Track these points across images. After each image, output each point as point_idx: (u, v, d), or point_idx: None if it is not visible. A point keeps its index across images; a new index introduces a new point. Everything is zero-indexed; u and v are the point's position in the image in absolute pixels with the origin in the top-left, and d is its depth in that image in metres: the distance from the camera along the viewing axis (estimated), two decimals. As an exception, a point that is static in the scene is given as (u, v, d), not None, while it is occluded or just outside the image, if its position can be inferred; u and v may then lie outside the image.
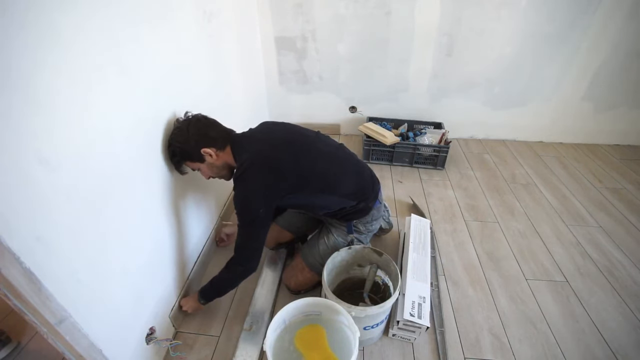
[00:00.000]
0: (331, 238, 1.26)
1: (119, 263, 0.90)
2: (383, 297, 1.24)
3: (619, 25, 2.01)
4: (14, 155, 0.59)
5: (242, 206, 1.05)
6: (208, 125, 1.07)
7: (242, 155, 1.05)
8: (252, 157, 1.03)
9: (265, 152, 1.05)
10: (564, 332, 1.24)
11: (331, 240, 1.26)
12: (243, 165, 1.02)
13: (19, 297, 0.62)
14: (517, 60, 2.17)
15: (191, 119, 1.06)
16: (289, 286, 1.34)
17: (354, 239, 1.26)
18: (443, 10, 2.03)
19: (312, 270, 1.27)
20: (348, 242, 1.26)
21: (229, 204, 1.72)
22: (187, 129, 1.03)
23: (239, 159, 1.06)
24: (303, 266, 1.28)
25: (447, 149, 2.13)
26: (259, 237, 1.09)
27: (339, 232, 1.26)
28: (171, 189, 1.16)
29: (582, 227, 1.74)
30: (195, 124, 1.04)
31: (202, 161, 1.06)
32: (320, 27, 2.16)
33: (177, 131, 1.05)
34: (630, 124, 2.41)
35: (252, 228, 1.07)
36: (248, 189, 1.03)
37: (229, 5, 1.65)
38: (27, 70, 0.61)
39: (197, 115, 1.08)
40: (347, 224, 1.24)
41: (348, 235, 1.25)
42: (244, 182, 1.02)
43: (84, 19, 0.73)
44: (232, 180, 1.11)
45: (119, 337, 0.92)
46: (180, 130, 1.04)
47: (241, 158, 1.05)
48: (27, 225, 0.62)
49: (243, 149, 1.07)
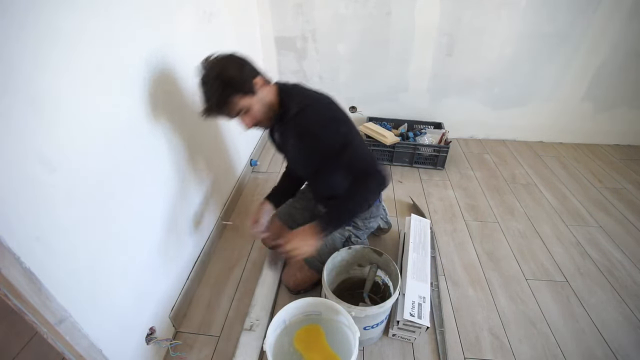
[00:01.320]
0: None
1: (119, 263, 0.90)
2: (383, 297, 1.24)
3: (619, 26, 2.01)
4: (15, 155, 0.60)
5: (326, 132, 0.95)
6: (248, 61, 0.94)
7: (296, 97, 0.97)
8: (319, 96, 0.98)
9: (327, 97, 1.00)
10: (564, 332, 1.24)
11: (328, 237, 1.26)
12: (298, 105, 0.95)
13: (19, 297, 0.62)
14: (517, 60, 2.17)
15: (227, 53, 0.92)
16: (288, 286, 1.33)
17: (351, 234, 1.26)
18: (443, 10, 2.04)
19: (310, 268, 1.26)
20: (345, 238, 1.26)
21: (229, 204, 1.72)
22: (231, 57, 0.89)
23: (293, 100, 0.97)
24: (302, 264, 1.28)
25: (447, 149, 2.13)
26: (363, 148, 1.00)
27: None
28: (171, 188, 1.16)
29: (582, 227, 1.74)
30: (239, 56, 0.91)
31: (254, 93, 0.92)
32: (320, 27, 2.16)
33: (222, 60, 0.89)
34: (630, 124, 2.41)
35: (351, 145, 0.97)
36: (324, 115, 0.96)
37: (229, 5, 1.65)
38: (27, 71, 0.61)
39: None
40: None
41: (345, 228, 1.26)
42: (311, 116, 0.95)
43: (85, 19, 0.74)
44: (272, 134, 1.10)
45: (119, 337, 0.92)
46: (226, 59, 0.89)
47: (298, 99, 0.97)
48: (27, 225, 0.63)
49: (294, 91, 0.99)
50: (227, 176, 1.75)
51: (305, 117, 0.95)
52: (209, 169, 1.48)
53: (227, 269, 1.47)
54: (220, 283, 1.41)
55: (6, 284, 0.60)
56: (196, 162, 1.34)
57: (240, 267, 1.48)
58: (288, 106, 0.96)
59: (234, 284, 1.40)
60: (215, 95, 0.87)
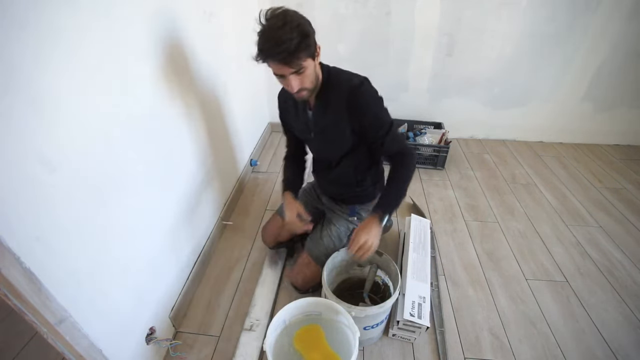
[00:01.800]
0: (333, 229, 1.27)
1: (119, 263, 0.90)
2: (383, 297, 1.24)
3: (619, 26, 2.01)
4: (15, 155, 0.60)
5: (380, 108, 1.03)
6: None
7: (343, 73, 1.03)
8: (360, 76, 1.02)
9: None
10: (564, 332, 1.24)
11: (333, 231, 1.27)
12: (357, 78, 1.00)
13: (19, 297, 0.62)
14: (517, 60, 2.17)
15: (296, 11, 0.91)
16: (296, 284, 1.31)
17: (357, 223, 1.27)
18: (443, 10, 2.03)
19: (318, 264, 1.26)
20: (351, 230, 1.26)
21: (229, 204, 1.72)
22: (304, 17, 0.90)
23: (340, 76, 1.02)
24: (309, 260, 1.27)
25: (447, 149, 2.13)
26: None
27: (340, 221, 1.28)
28: (171, 188, 1.16)
29: (582, 227, 1.74)
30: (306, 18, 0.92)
31: (314, 58, 0.95)
32: (320, 27, 2.13)
33: (300, 16, 0.90)
34: (630, 124, 2.41)
35: (394, 124, 1.05)
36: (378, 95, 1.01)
37: (229, 5, 1.65)
38: (28, 71, 0.61)
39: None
40: (351, 207, 1.28)
41: (349, 217, 1.28)
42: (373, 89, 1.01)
43: (85, 19, 0.73)
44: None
45: (119, 337, 0.92)
46: (302, 17, 0.90)
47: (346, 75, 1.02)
48: (27, 225, 0.63)
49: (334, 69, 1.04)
50: (227, 176, 1.75)
51: (364, 91, 0.98)
52: (209, 169, 1.48)
53: (227, 269, 1.47)
54: (220, 283, 1.41)
55: (6, 284, 0.60)
56: (197, 162, 1.34)
57: (240, 267, 1.48)
58: (333, 81, 1.00)
59: (234, 284, 1.40)
60: (292, 42, 0.84)
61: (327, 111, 1.04)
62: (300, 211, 1.16)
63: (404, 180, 1.07)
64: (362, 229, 1.03)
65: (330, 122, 1.06)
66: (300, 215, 1.16)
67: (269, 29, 0.85)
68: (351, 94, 0.98)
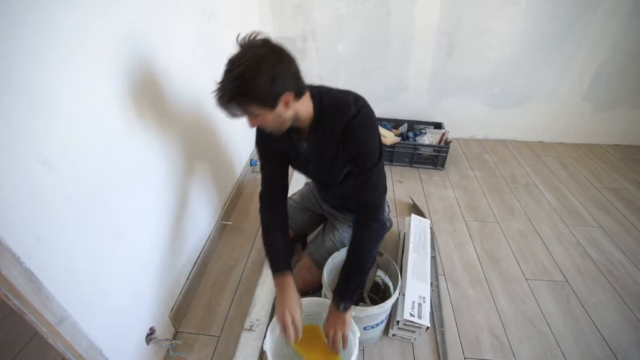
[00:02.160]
0: (337, 234, 1.26)
1: (119, 263, 0.90)
2: (383, 297, 1.24)
3: (619, 25, 2.01)
4: (15, 155, 0.60)
5: (374, 139, 0.90)
6: (293, 61, 0.79)
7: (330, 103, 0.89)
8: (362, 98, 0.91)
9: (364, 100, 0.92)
10: (564, 332, 1.24)
11: (337, 236, 1.26)
12: (354, 105, 0.87)
13: (19, 297, 0.62)
14: (517, 60, 2.17)
15: (275, 47, 0.76)
16: (297, 286, 1.31)
17: None
18: (443, 10, 2.03)
19: (319, 268, 1.26)
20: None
21: (229, 203, 1.72)
22: (270, 58, 0.73)
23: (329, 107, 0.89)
24: (311, 265, 1.27)
25: (447, 149, 2.13)
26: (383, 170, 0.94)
27: (343, 227, 1.26)
28: (172, 188, 1.16)
29: (582, 227, 1.74)
30: (282, 58, 0.75)
31: (272, 108, 0.78)
32: (320, 27, 2.16)
33: (256, 60, 0.72)
34: (630, 124, 2.41)
35: (382, 164, 0.93)
36: (374, 120, 0.90)
37: (229, 5, 1.65)
38: (28, 71, 0.61)
39: (275, 42, 0.77)
40: (354, 215, 1.24)
41: (353, 224, 1.24)
42: (369, 115, 0.89)
43: (85, 19, 0.73)
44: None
45: (119, 337, 0.92)
46: (261, 61, 0.72)
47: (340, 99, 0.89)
48: (27, 225, 0.63)
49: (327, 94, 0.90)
50: (227, 176, 1.75)
51: (360, 120, 0.88)
52: (209, 169, 1.48)
53: (227, 269, 1.47)
54: (220, 283, 1.41)
55: (6, 284, 0.60)
56: (196, 162, 1.34)
57: (240, 267, 1.48)
58: (327, 112, 0.89)
59: (234, 284, 1.40)
60: (228, 94, 0.75)
61: (323, 142, 0.94)
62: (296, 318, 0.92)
63: (364, 261, 0.92)
64: (334, 326, 0.92)
65: (328, 154, 0.96)
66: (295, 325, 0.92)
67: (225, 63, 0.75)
68: (347, 127, 0.88)
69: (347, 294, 0.92)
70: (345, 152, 0.93)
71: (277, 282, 0.98)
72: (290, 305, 0.93)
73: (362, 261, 0.93)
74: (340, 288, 0.94)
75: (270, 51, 0.74)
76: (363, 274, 0.94)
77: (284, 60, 0.76)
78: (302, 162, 1.05)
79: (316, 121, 0.90)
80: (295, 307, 0.93)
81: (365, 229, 0.93)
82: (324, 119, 0.90)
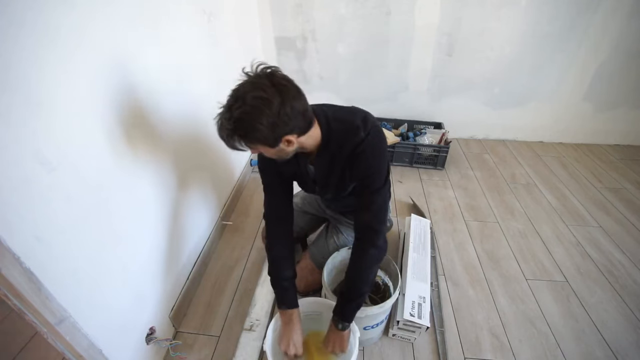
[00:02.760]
0: (341, 237, 1.25)
1: (119, 263, 0.90)
2: (383, 297, 1.24)
3: (619, 25, 2.01)
4: (14, 155, 0.60)
5: (382, 162, 0.89)
6: (300, 98, 0.75)
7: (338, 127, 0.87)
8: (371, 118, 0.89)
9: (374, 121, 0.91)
10: (564, 332, 1.24)
11: (341, 239, 1.25)
12: (363, 129, 0.86)
13: (19, 297, 0.62)
14: (517, 60, 2.17)
15: (281, 85, 0.72)
16: (298, 289, 1.30)
17: None
18: (443, 10, 2.03)
19: (321, 270, 1.25)
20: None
21: (229, 204, 1.72)
22: (272, 102, 0.69)
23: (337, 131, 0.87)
24: (313, 267, 1.27)
25: (447, 149, 2.13)
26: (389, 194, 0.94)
27: (347, 231, 1.26)
28: (172, 187, 1.16)
29: (582, 227, 1.74)
30: (287, 99, 0.71)
31: (273, 147, 0.76)
32: (320, 27, 2.16)
33: (255, 102, 0.69)
34: (630, 124, 2.41)
35: (387, 187, 0.92)
36: (383, 142, 0.89)
37: (229, 5, 1.65)
38: (26, 71, 0.61)
39: (284, 76, 0.74)
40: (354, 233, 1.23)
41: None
42: (379, 137, 0.88)
43: (84, 18, 0.73)
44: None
45: (119, 337, 0.92)
46: (264, 102, 0.69)
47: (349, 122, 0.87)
48: (27, 225, 0.63)
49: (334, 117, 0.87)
50: (227, 176, 1.75)
51: (368, 144, 0.86)
52: (209, 169, 1.48)
53: (227, 269, 1.47)
54: (220, 283, 1.41)
55: (6, 284, 0.60)
56: (196, 162, 1.34)
57: (240, 267, 1.48)
58: (334, 137, 0.87)
59: (234, 284, 1.40)
60: (226, 131, 0.72)
61: (330, 166, 0.93)
62: (299, 351, 0.95)
63: (362, 285, 0.93)
64: (333, 343, 0.96)
65: (335, 176, 0.95)
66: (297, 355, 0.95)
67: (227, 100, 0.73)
68: (355, 149, 0.87)
69: (345, 315, 0.94)
70: (353, 173, 0.92)
71: (284, 316, 0.98)
72: (297, 339, 0.97)
73: (360, 285, 0.94)
74: (339, 309, 0.95)
75: (275, 93, 0.70)
76: (361, 296, 0.94)
77: (289, 103, 0.71)
78: (308, 182, 1.03)
79: (324, 147, 0.88)
80: (299, 341, 0.97)
81: (364, 255, 0.93)
82: (331, 144, 0.88)
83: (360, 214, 0.94)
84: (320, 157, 0.92)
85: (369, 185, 0.90)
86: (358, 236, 0.95)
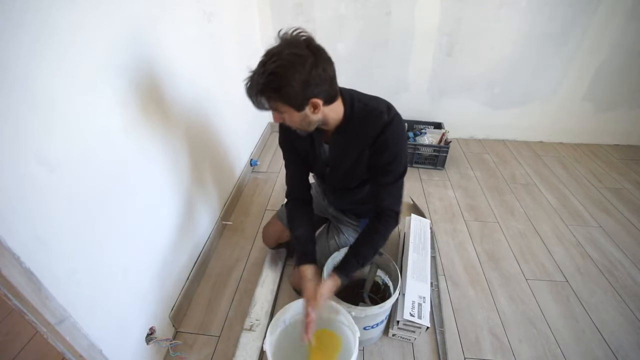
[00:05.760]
0: (342, 237, 1.25)
1: (119, 263, 0.90)
2: (383, 297, 1.24)
3: (619, 25, 2.00)
4: (14, 156, 0.59)
5: (404, 149, 0.92)
6: (331, 64, 0.78)
7: (362, 108, 0.88)
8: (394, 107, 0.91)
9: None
10: (564, 332, 1.24)
11: (342, 239, 1.25)
12: (387, 113, 0.88)
13: (19, 297, 0.62)
14: (517, 60, 2.17)
15: (316, 49, 0.75)
16: (299, 289, 1.30)
17: None
18: (443, 10, 2.03)
19: (321, 271, 1.25)
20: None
21: (229, 204, 1.72)
22: (307, 61, 0.72)
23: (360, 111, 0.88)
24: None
25: (447, 149, 2.13)
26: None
27: (348, 231, 1.26)
28: (172, 188, 1.16)
29: (582, 227, 1.74)
30: (320, 62, 0.74)
31: (299, 111, 0.78)
32: (320, 27, 2.16)
33: (292, 60, 0.71)
34: (631, 124, 2.41)
35: (404, 176, 0.95)
36: (405, 130, 0.93)
37: (229, 5, 1.65)
38: (25, 70, 0.61)
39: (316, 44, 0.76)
40: (361, 221, 1.24)
41: (359, 229, 1.25)
42: (401, 125, 0.91)
43: (83, 18, 0.73)
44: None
45: (119, 337, 0.92)
46: (297, 61, 0.71)
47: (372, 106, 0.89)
48: (27, 225, 0.63)
49: (358, 99, 0.89)
50: (227, 176, 1.75)
51: (394, 128, 0.88)
52: (209, 169, 1.48)
53: (227, 269, 1.47)
54: (220, 283, 1.41)
55: (6, 284, 0.60)
56: (196, 162, 1.34)
57: (240, 267, 1.48)
58: (357, 116, 0.89)
59: (234, 284, 1.40)
60: (257, 86, 0.74)
61: (349, 147, 0.93)
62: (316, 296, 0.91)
63: (374, 247, 0.97)
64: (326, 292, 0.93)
65: (349, 159, 0.96)
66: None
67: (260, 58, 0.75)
68: (381, 134, 0.88)
69: (343, 265, 0.97)
70: (372, 159, 0.93)
71: (309, 270, 1.00)
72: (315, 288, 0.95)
73: (367, 248, 0.97)
74: (343, 263, 0.98)
75: (309, 53, 0.73)
76: (364, 258, 0.98)
77: (321, 65, 0.74)
78: (319, 164, 1.05)
79: (343, 126, 0.90)
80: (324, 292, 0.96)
81: (381, 226, 0.96)
82: (351, 124, 0.90)
83: (380, 199, 0.96)
84: (336, 137, 0.93)
85: (391, 171, 0.92)
86: (379, 217, 0.97)
